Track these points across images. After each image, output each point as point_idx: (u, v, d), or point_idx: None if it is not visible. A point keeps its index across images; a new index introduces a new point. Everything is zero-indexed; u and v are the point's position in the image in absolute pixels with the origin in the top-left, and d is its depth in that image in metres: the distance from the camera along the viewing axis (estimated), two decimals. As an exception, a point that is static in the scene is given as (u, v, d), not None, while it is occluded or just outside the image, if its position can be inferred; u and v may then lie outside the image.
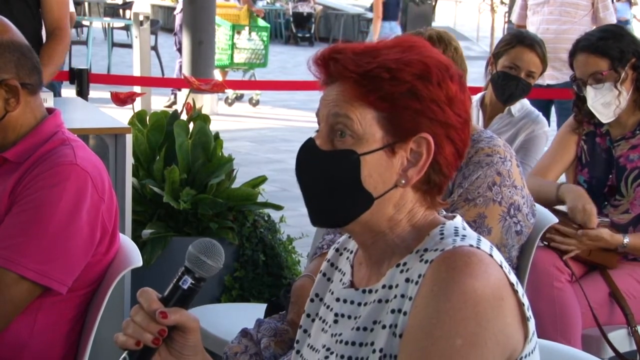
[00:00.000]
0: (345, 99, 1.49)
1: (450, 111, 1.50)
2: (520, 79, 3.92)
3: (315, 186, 1.52)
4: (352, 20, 21.95)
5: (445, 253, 1.44)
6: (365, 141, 1.48)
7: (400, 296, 1.47)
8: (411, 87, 1.47)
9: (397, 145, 1.49)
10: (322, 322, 1.62)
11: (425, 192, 1.53)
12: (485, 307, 1.39)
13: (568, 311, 3.20)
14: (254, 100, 11.87)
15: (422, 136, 1.49)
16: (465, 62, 2.74)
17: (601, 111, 3.45)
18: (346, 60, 1.49)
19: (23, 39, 2.24)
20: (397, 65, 1.48)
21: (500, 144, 2.69)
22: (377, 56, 1.49)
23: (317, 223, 1.57)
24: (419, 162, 1.50)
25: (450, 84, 1.50)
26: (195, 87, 4.15)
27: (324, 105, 1.52)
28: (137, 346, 1.50)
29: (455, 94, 1.51)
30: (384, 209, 1.51)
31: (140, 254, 2.28)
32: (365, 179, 1.48)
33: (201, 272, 1.53)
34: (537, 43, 3.95)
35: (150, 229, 3.75)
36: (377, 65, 1.47)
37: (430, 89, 1.48)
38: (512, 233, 2.63)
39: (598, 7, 6.33)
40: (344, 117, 1.48)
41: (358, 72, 1.48)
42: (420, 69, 1.48)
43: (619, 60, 3.41)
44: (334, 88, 1.51)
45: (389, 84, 1.47)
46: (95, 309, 2.26)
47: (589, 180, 3.54)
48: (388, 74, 1.47)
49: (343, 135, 1.49)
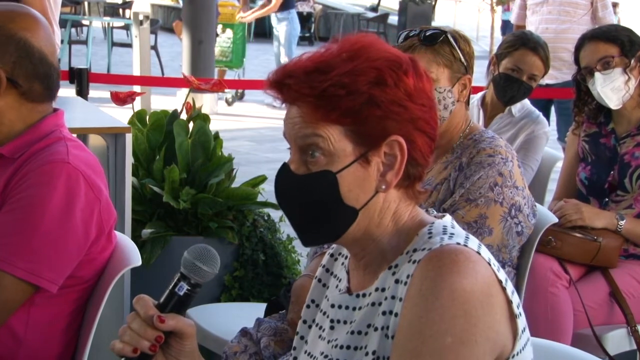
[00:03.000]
0: (308, 120, 1.48)
1: (412, 105, 1.49)
2: (522, 81, 3.92)
3: (299, 211, 1.53)
4: (352, 20, 21.95)
5: (432, 252, 1.44)
6: (338, 157, 1.48)
7: (390, 298, 1.47)
8: (369, 96, 1.46)
9: (370, 154, 1.48)
10: (318, 329, 1.62)
11: (407, 186, 1.53)
12: (474, 304, 1.39)
13: (560, 317, 3.21)
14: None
15: (392, 139, 1.48)
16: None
17: (610, 96, 3.46)
18: (299, 84, 1.47)
19: (45, 46, 2.20)
20: (350, 78, 1.46)
21: (502, 145, 2.68)
22: (329, 71, 1.46)
23: (308, 244, 1.58)
24: (395, 165, 1.49)
25: (405, 79, 1.49)
26: (195, 87, 4.15)
27: (289, 127, 1.51)
28: (134, 353, 1.50)
29: (414, 86, 1.49)
30: (370, 217, 1.51)
31: (139, 253, 2.28)
32: (345, 195, 1.48)
33: (197, 278, 1.53)
34: (540, 46, 3.94)
35: (150, 228, 3.75)
36: (330, 83, 1.46)
37: (387, 92, 1.47)
38: (513, 234, 2.63)
39: (597, 7, 6.33)
40: (312, 137, 1.47)
41: (314, 94, 1.46)
42: (374, 76, 1.47)
43: (630, 48, 3.44)
44: (295, 109, 1.49)
45: (347, 99, 1.46)
46: (94, 307, 2.26)
47: (590, 177, 3.55)
48: (343, 90, 1.46)
49: (314, 155, 1.48)
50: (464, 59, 2.68)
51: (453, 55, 2.66)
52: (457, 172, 2.65)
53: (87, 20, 15.86)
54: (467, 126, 2.75)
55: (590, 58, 3.48)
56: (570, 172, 3.66)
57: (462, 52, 2.68)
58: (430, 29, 2.70)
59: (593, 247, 3.34)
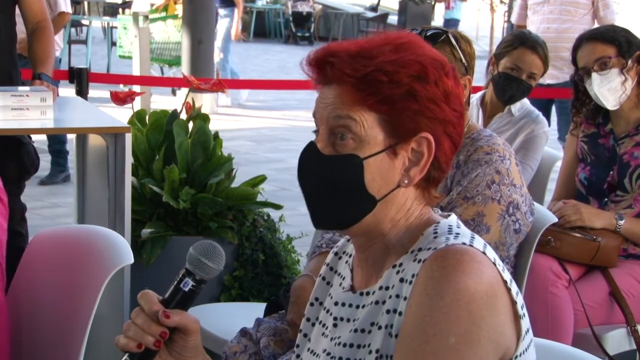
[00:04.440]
0: (345, 101, 1.48)
1: (447, 107, 1.50)
2: (522, 80, 3.92)
3: (319, 191, 1.52)
4: (352, 20, 21.95)
5: (438, 252, 1.44)
6: (367, 144, 1.48)
7: (395, 296, 1.47)
8: (409, 88, 1.47)
9: (399, 146, 1.49)
10: (322, 327, 1.62)
11: (425, 188, 1.54)
12: (478, 304, 1.39)
13: (561, 317, 3.21)
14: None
15: (422, 136, 1.49)
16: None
17: (607, 97, 3.46)
18: (342, 63, 1.48)
19: None
20: (394, 67, 1.47)
21: (499, 143, 2.69)
22: (372, 58, 1.48)
23: (319, 226, 1.57)
24: (420, 162, 1.50)
25: (446, 80, 1.50)
26: (194, 86, 4.15)
27: (322, 107, 1.51)
28: (138, 349, 1.50)
29: (451, 89, 1.51)
30: (386, 210, 1.51)
31: (131, 252, 2.27)
32: (368, 183, 1.48)
33: (202, 274, 1.53)
34: (539, 45, 3.94)
35: (150, 228, 3.75)
36: (374, 68, 1.47)
37: (427, 88, 1.48)
38: (510, 232, 2.63)
39: (598, 6, 6.34)
40: (346, 119, 1.48)
41: (356, 76, 1.47)
42: (417, 70, 1.48)
43: (627, 48, 3.44)
44: (331, 90, 1.50)
45: (387, 87, 1.47)
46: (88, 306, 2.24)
47: (589, 177, 3.55)
48: (386, 77, 1.47)
49: (343, 138, 1.48)
50: (465, 59, 2.68)
51: (454, 55, 2.66)
52: (454, 170, 2.65)
53: (87, 20, 15.86)
54: (466, 125, 2.75)
55: (587, 58, 3.49)
56: (569, 172, 3.66)
57: (463, 52, 2.68)
58: (432, 28, 2.69)
59: (592, 247, 3.34)
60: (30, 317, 2.38)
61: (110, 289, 2.47)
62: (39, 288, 2.38)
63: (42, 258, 2.42)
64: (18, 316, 2.37)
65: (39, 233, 2.48)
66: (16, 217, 3.88)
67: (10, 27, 3.94)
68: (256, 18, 22.57)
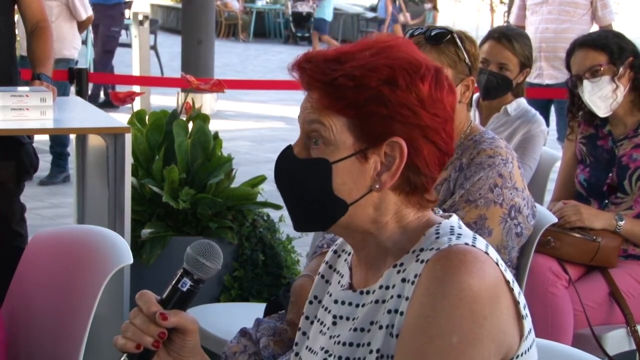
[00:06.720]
0: (316, 106, 1.49)
1: (424, 113, 1.48)
2: (491, 72, 3.89)
3: (292, 194, 1.55)
4: (352, 20, 21.96)
5: (441, 252, 1.44)
6: (337, 148, 1.48)
7: (396, 296, 1.47)
8: (377, 92, 1.46)
9: (370, 151, 1.49)
10: (320, 325, 1.62)
11: (409, 193, 1.52)
12: (481, 304, 1.39)
13: (560, 317, 3.21)
14: None
15: (394, 140, 1.48)
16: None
17: (599, 105, 3.47)
18: (313, 69, 1.49)
19: None
20: (362, 72, 1.47)
21: (502, 146, 2.68)
22: (344, 63, 1.48)
23: (298, 229, 1.59)
24: (392, 167, 1.49)
25: (420, 85, 1.48)
26: (194, 87, 4.15)
27: (301, 111, 1.53)
28: (137, 349, 1.50)
29: (429, 94, 1.48)
30: (362, 212, 1.51)
31: (130, 252, 2.28)
32: (338, 187, 1.49)
33: (200, 274, 1.53)
34: (505, 36, 3.90)
35: (150, 228, 3.75)
36: (342, 73, 1.47)
37: (398, 93, 1.47)
38: (512, 235, 2.63)
39: (597, 6, 6.33)
40: (316, 124, 1.49)
41: (324, 80, 1.48)
42: (386, 75, 1.47)
43: (618, 56, 3.44)
44: (309, 95, 1.52)
45: (353, 91, 1.46)
46: (87, 306, 2.25)
47: (588, 179, 3.56)
48: (352, 82, 1.46)
49: (317, 142, 1.49)
50: (469, 60, 2.68)
51: (458, 55, 2.66)
52: (457, 172, 2.65)
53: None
54: (468, 127, 2.75)
55: (579, 66, 3.49)
56: (568, 172, 3.66)
57: (467, 53, 2.68)
58: (437, 28, 2.69)
59: (592, 247, 3.34)
60: (29, 317, 2.38)
61: (109, 289, 2.47)
62: (39, 288, 2.38)
63: (41, 258, 2.42)
64: (18, 316, 2.37)
65: (39, 233, 2.48)
66: (16, 218, 3.88)
67: (9, 27, 3.95)
68: (256, 18, 22.58)
